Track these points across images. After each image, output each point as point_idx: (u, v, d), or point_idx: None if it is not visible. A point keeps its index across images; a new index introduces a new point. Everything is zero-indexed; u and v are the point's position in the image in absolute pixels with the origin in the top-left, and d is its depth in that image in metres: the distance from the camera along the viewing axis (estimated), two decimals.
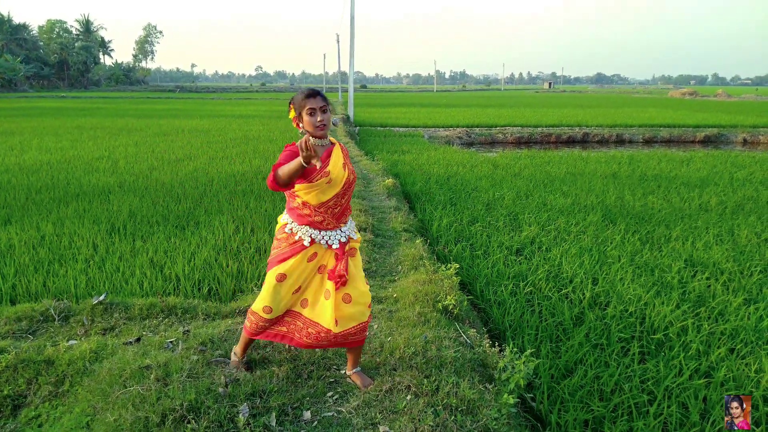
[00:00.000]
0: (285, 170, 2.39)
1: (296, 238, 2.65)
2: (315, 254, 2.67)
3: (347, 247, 2.72)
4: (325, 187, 2.57)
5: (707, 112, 27.84)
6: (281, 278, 2.65)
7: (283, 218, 2.74)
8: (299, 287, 2.70)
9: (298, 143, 2.31)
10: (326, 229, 2.65)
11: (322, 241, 2.65)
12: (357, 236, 2.81)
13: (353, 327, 2.73)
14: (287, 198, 2.73)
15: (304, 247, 2.64)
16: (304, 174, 2.56)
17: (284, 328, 2.80)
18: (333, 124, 2.72)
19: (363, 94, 60.00)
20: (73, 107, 30.51)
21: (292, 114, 2.64)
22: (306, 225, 2.65)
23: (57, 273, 4.55)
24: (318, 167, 2.50)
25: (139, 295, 4.23)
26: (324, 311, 2.68)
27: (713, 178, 9.44)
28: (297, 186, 2.58)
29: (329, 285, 2.66)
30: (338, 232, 2.69)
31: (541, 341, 3.64)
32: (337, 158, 2.63)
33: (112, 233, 5.66)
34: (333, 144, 2.71)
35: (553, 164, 11.09)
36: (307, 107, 2.55)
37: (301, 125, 2.62)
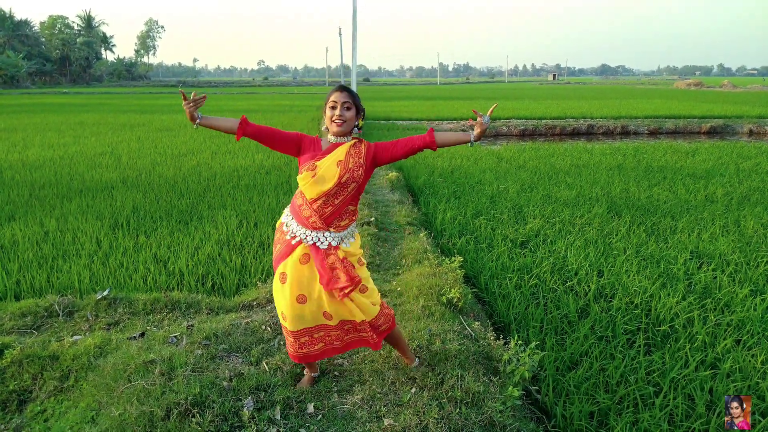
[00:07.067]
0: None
1: (287, 236, 2.54)
2: (307, 256, 2.48)
3: (330, 258, 2.47)
4: (311, 181, 2.45)
5: (713, 103, 27.63)
6: (282, 278, 2.51)
7: (284, 212, 2.67)
8: (303, 295, 2.48)
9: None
10: (310, 228, 2.48)
11: (302, 237, 2.49)
12: (352, 247, 2.57)
13: (347, 320, 2.58)
14: None
15: (293, 246, 2.50)
16: (300, 161, 2.56)
17: (321, 344, 2.58)
18: (357, 127, 2.58)
19: (366, 88, 59.80)
20: (76, 103, 30.54)
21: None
22: (294, 216, 2.55)
23: (61, 269, 4.56)
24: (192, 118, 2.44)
25: (143, 290, 4.23)
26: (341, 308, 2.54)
27: (719, 169, 9.37)
28: (299, 176, 2.54)
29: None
30: (319, 234, 2.48)
31: (546, 334, 3.63)
32: (335, 155, 2.49)
33: (115, 229, 5.67)
34: (351, 141, 2.55)
35: (558, 156, 11.04)
36: (330, 99, 2.47)
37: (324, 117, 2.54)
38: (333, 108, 2.47)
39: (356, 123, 2.56)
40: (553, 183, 8.26)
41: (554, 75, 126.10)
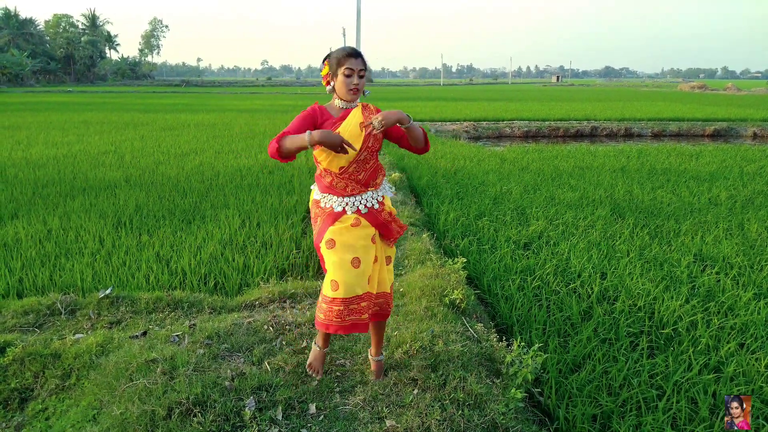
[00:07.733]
0: (289, 143, 2.29)
1: (326, 207, 2.55)
2: (357, 221, 2.50)
3: (385, 214, 2.59)
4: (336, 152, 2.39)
5: (717, 106, 27.55)
6: (330, 244, 2.45)
7: (314, 190, 2.65)
8: (357, 258, 2.44)
9: (319, 137, 2.21)
10: (350, 195, 2.52)
11: (347, 208, 2.51)
12: (388, 200, 2.67)
13: (383, 293, 2.64)
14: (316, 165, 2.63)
15: (338, 214, 2.51)
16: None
17: (365, 315, 2.50)
18: (364, 94, 2.56)
19: (369, 88, 59.64)
20: (80, 102, 30.60)
21: (325, 71, 2.48)
22: (328, 193, 2.55)
23: (63, 267, 4.57)
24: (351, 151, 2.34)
25: (146, 288, 4.23)
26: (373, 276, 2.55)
27: (723, 172, 9.34)
28: (315, 152, 2.48)
29: (378, 249, 2.56)
30: (362, 197, 2.53)
31: (548, 336, 3.61)
32: (352, 119, 2.47)
33: (118, 227, 5.67)
34: (359, 105, 2.56)
35: (561, 158, 11.01)
36: (346, 66, 2.40)
37: (331, 83, 2.48)
38: (349, 76, 2.42)
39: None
40: (556, 185, 8.25)
41: (558, 77, 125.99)
